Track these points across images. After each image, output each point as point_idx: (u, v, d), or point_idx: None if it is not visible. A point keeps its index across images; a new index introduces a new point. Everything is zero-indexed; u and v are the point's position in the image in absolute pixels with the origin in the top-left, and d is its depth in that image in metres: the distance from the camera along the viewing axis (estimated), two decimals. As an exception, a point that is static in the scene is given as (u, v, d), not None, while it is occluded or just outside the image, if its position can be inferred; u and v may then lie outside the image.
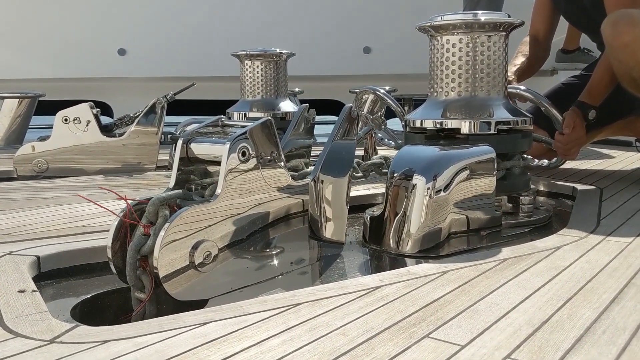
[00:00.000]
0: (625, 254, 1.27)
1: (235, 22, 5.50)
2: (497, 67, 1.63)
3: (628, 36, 1.88)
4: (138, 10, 5.57)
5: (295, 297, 1.02)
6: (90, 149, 2.77)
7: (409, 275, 1.14)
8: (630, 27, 1.88)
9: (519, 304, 0.98)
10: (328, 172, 1.41)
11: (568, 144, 2.05)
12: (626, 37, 1.88)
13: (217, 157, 1.23)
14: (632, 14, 1.90)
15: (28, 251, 1.32)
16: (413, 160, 1.44)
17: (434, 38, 1.66)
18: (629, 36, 1.88)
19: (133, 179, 2.57)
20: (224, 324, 0.90)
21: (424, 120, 1.66)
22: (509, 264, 1.21)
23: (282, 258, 1.36)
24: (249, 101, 2.81)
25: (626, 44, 1.88)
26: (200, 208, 1.17)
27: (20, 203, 1.95)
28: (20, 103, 4.00)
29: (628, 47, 1.89)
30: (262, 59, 2.76)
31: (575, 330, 0.87)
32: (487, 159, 1.45)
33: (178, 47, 5.51)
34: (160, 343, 0.83)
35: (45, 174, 2.71)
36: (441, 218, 1.37)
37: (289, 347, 0.82)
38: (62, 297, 1.23)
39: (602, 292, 1.04)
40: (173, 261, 1.12)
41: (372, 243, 1.47)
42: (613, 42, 1.93)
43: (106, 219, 1.62)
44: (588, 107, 2.04)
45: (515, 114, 1.65)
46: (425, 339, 0.85)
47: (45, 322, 0.92)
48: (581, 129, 2.03)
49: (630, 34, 1.88)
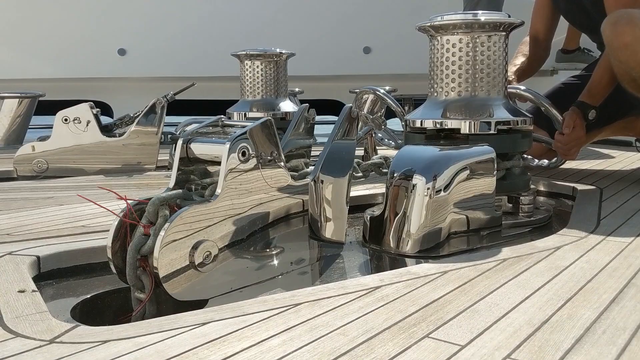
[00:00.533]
0: (626, 254, 1.27)
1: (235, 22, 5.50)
2: (497, 67, 1.63)
3: (628, 36, 1.88)
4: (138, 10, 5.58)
5: (295, 297, 1.02)
6: (90, 149, 2.77)
7: (409, 275, 1.14)
8: (631, 27, 1.88)
9: (519, 304, 0.98)
10: (328, 172, 1.41)
11: (568, 144, 2.05)
12: (626, 37, 1.88)
13: (217, 157, 1.23)
14: (632, 14, 1.90)
15: (28, 251, 1.32)
16: (413, 160, 1.44)
17: (434, 38, 1.66)
18: (629, 36, 1.87)
19: (133, 179, 2.57)
20: (224, 323, 0.90)
21: (424, 120, 1.66)
22: (509, 264, 1.21)
23: (282, 258, 1.36)
24: (249, 101, 2.81)
25: (626, 44, 1.88)
26: (200, 208, 1.17)
27: (20, 203, 1.95)
28: (20, 103, 4.00)
29: (628, 47, 1.88)
30: (262, 59, 2.76)
31: (575, 330, 0.87)
32: (487, 159, 1.45)
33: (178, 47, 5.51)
34: (160, 343, 0.83)
35: (45, 174, 2.71)
36: (441, 218, 1.37)
37: (289, 347, 0.82)
38: (62, 297, 1.23)
39: (602, 292, 1.04)
40: (173, 261, 1.12)
41: (372, 243, 1.47)
42: (613, 42, 1.93)
43: (106, 219, 1.62)
44: (588, 107, 2.04)
45: (515, 114, 1.65)
46: (426, 339, 0.85)
47: (45, 322, 0.92)
48: (581, 129, 2.03)
49: (630, 34, 1.87)
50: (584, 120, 2.03)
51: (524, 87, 2.11)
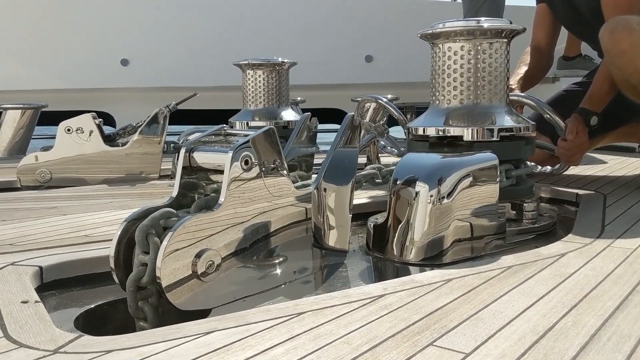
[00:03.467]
0: (630, 260, 1.26)
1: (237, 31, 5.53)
2: (499, 74, 1.63)
3: (625, 43, 1.88)
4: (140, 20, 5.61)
5: (299, 306, 1.02)
6: (93, 159, 2.77)
7: (413, 283, 1.14)
8: (628, 34, 1.88)
9: (523, 312, 0.98)
10: (331, 180, 1.41)
11: (571, 150, 2.05)
12: (624, 44, 1.88)
13: (220, 166, 1.23)
14: (630, 20, 1.90)
15: (31, 261, 1.32)
16: (416, 168, 1.43)
17: (435, 45, 1.66)
18: (626, 43, 1.88)
19: (136, 188, 2.58)
20: (227, 333, 0.90)
21: (427, 128, 1.66)
22: (513, 271, 1.20)
23: (285, 267, 1.36)
24: (251, 110, 2.81)
25: (624, 51, 1.89)
26: (203, 217, 1.16)
27: (23, 213, 1.96)
28: (23, 114, 4.02)
29: (626, 53, 1.89)
30: (264, 69, 2.76)
31: (580, 337, 0.87)
32: (490, 165, 1.45)
33: (180, 57, 5.54)
34: (164, 353, 0.83)
35: (49, 184, 2.71)
36: (445, 225, 1.37)
37: (293, 356, 0.82)
38: (65, 308, 1.23)
39: (607, 299, 1.03)
40: (176, 270, 1.12)
41: (376, 251, 1.46)
42: (611, 49, 1.93)
43: (109, 229, 1.62)
44: (590, 114, 2.04)
45: (518, 121, 1.65)
46: (430, 347, 0.84)
47: (48, 332, 0.91)
48: (584, 134, 2.03)
49: (627, 40, 1.88)
50: (586, 126, 2.03)
51: (525, 94, 2.11)
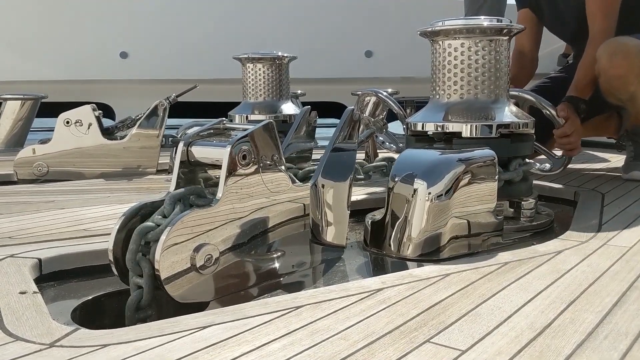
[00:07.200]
0: (627, 258, 1.27)
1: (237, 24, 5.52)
2: (498, 71, 1.62)
3: (623, 69, 2.05)
4: (140, 13, 5.59)
5: (297, 299, 1.02)
6: (91, 152, 2.76)
7: (411, 277, 1.14)
8: (627, 61, 2.05)
9: (521, 307, 0.98)
10: (329, 177, 1.41)
11: (569, 137, 2.04)
12: (621, 70, 2.06)
13: (218, 161, 1.23)
14: (629, 47, 2.06)
15: (30, 254, 1.32)
16: (414, 164, 1.43)
17: (435, 42, 1.66)
18: (624, 69, 2.05)
19: (133, 182, 2.57)
20: (224, 327, 0.90)
21: (426, 124, 1.66)
22: (510, 267, 1.21)
23: (283, 261, 1.36)
24: (251, 103, 2.81)
25: (620, 76, 2.07)
26: (201, 212, 1.16)
27: (20, 207, 1.95)
28: (23, 105, 4.01)
29: (621, 78, 2.07)
30: (264, 62, 2.76)
31: (577, 335, 0.87)
32: (489, 162, 1.45)
33: (180, 50, 5.53)
34: (161, 347, 0.83)
35: (46, 177, 2.69)
36: (442, 222, 1.37)
37: (290, 352, 0.82)
38: (63, 299, 1.23)
39: (605, 295, 1.04)
40: (174, 264, 1.12)
41: (373, 247, 1.46)
42: (608, 71, 2.08)
43: (107, 223, 1.62)
44: (578, 100, 2.10)
45: (517, 118, 1.65)
46: (426, 344, 0.84)
47: (45, 325, 0.91)
48: (576, 118, 2.07)
49: (626, 67, 2.05)
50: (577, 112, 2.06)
51: (525, 90, 2.11)
